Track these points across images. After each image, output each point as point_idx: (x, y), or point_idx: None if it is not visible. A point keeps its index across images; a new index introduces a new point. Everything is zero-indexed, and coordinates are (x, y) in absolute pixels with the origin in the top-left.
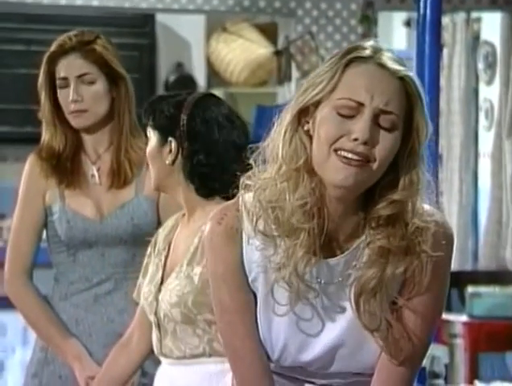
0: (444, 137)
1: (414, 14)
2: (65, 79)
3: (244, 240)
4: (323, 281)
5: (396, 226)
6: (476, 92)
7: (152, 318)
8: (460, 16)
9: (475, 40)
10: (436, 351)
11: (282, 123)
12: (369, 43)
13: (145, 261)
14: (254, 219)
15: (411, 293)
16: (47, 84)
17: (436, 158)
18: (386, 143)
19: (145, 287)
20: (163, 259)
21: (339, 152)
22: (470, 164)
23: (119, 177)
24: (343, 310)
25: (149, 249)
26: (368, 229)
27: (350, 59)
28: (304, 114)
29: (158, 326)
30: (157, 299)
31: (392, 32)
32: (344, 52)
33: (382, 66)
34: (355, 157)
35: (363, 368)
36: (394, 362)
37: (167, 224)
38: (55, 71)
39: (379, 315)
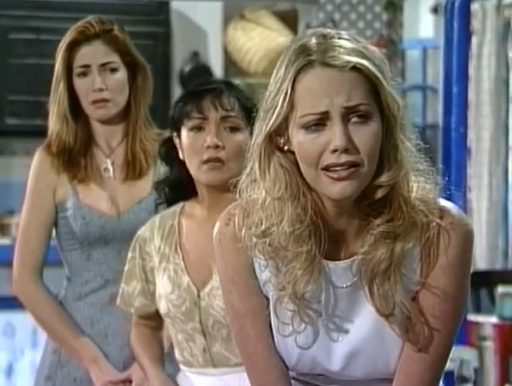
0: (473, 130)
1: (442, 0)
2: (87, 66)
3: None
4: (333, 289)
5: (393, 206)
6: (506, 82)
7: (193, 325)
8: (491, 2)
9: (506, 28)
10: (465, 354)
11: (256, 153)
12: (314, 40)
13: (127, 266)
14: (252, 249)
15: (428, 271)
16: (64, 72)
17: (465, 152)
18: (366, 137)
19: (170, 295)
20: (180, 262)
21: (326, 170)
22: (500, 158)
23: (134, 168)
24: (358, 314)
25: (130, 253)
26: (367, 216)
27: (297, 70)
28: (277, 134)
29: (204, 334)
30: (199, 306)
31: (418, 19)
32: (290, 60)
33: (329, 65)
34: (343, 168)
35: (388, 374)
36: (413, 348)
37: (157, 225)
38: (73, 59)
39: (393, 298)
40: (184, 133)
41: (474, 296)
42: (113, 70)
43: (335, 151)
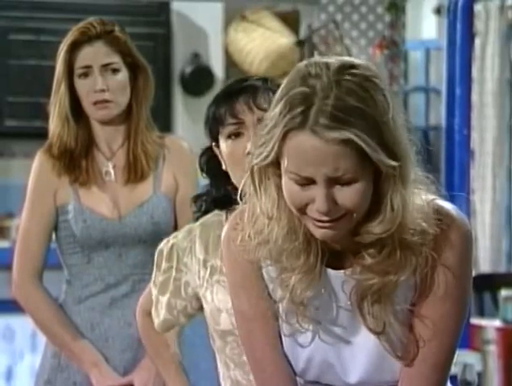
0: (477, 132)
1: (445, 1)
2: (88, 67)
3: None
4: (336, 301)
5: (385, 248)
6: (510, 83)
7: None
8: (494, 3)
9: (509, 29)
10: (468, 358)
11: (251, 178)
12: (318, 86)
13: (161, 277)
14: (257, 254)
15: (424, 300)
16: (66, 74)
17: (468, 154)
18: (351, 197)
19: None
20: None
21: (308, 217)
22: (504, 159)
23: (136, 171)
24: (360, 327)
25: (167, 263)
26: (361, 246)
27: (287, 129)
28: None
29: None
30: None
31: (421, 20)
32: (288, 101)
33: (318, 134)
34: (325, 219)
35: (394, 379)
36: (403, 363)
37: (199, 235)
38: (74, 60)
39: (383, 319)
40: (222, 141)
41: (477, 299)
42: (115, 71)
43: (317, 210)
